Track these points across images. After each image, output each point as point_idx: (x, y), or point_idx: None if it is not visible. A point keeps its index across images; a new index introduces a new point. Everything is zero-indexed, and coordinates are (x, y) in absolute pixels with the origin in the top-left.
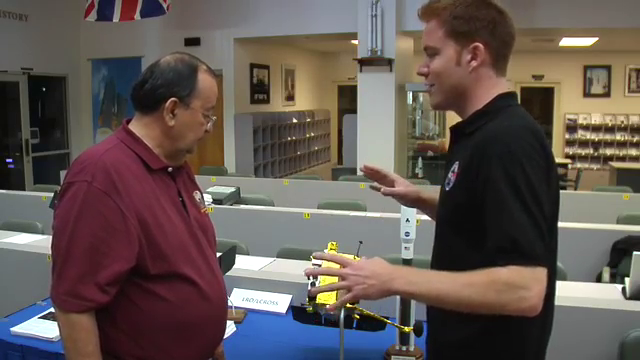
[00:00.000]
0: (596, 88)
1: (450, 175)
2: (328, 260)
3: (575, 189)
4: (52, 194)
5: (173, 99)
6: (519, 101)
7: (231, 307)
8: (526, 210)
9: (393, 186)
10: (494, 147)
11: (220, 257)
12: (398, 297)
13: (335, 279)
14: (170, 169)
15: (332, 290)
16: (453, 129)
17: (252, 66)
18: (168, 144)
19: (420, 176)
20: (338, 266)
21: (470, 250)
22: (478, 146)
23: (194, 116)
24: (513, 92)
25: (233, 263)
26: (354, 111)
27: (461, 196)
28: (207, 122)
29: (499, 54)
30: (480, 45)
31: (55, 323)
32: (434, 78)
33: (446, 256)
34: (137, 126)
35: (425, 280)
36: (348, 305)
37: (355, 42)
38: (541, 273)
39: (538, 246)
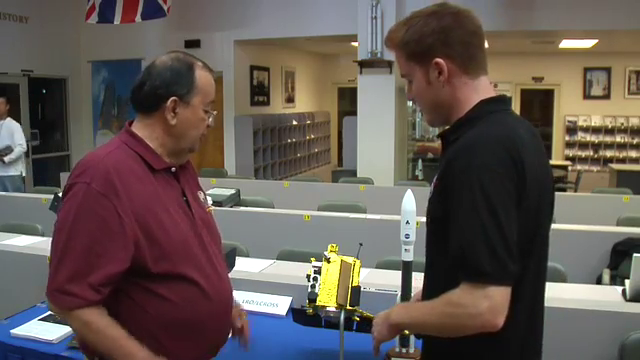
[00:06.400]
0: (596, 90)
1: (431, 185)
2: None
3: (575, 191)
4: (52, 196)
5: (173, 98)
6: (517, 104)
7: None
8: (480, 226)
9: None
10: (457, 160)
11: None
12: (398, 298)
13: (336, 278)
14: (173, 169)
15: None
16: (440, 137)
17: (252, 68)
18: (171, 143)
19: (420, 178)
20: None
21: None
22: (448, 158)
23: (195, 113)
24: (499, 97)
25: (233, 265)
26: (354, 113)
27: (437, 208)
28: (208, 117)
29: (464, 58)
30: (439, 60)
31: (54, 325)
32: (417, 101)
33: (433, 268)
34: (139, 127)
35: (409, 311)
36: (348, 307)
37: (355, 44)
38: (494, 291)
39: (490, 263)
